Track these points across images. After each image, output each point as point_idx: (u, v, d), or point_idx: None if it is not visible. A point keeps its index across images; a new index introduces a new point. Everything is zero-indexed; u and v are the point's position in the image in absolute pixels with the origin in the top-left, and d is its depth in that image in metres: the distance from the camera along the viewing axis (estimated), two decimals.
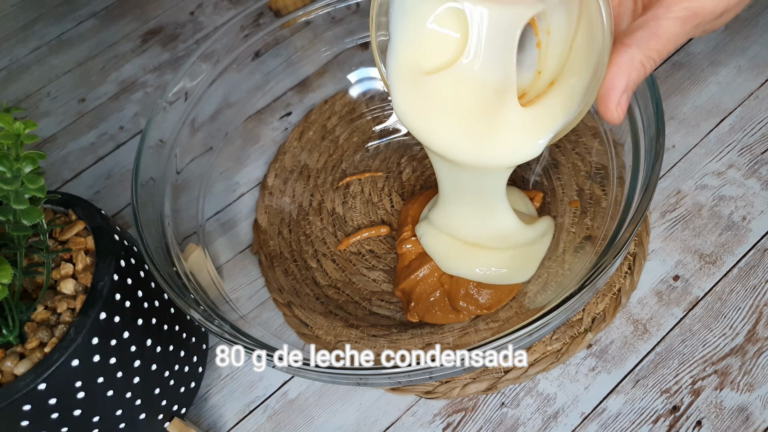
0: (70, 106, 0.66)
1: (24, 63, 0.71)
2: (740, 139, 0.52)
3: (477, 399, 0.44)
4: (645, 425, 0.41)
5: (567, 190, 0.48)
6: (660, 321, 0.45)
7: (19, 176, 0.33)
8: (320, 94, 0.58)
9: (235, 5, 0.71)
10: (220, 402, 0.47)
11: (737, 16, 0.59)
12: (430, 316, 0.45)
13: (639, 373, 0.43)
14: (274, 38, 0.51)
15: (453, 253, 0.45)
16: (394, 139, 0.55)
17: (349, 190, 0.53)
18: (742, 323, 0.44)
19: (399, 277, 0.47)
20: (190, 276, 0.41)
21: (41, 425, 0.35)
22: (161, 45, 0.70)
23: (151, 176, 0.43)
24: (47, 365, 0.33)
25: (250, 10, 0.48)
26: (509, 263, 0.44)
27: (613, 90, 0.28)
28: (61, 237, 0.39)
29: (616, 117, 0.29)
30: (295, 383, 0.46)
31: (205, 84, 0.48)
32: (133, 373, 0.38)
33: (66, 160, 0.62)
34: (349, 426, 0.44)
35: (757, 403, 0.41)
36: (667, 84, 0.56)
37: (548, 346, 0.44)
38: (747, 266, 0.46)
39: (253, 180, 0.56)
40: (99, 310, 0.35)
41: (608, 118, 0.29)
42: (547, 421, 0.42)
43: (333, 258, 0.50)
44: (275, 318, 0.48)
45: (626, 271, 0.46)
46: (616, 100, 0.28)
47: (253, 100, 0.53)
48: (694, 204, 0.49)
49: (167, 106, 0.45)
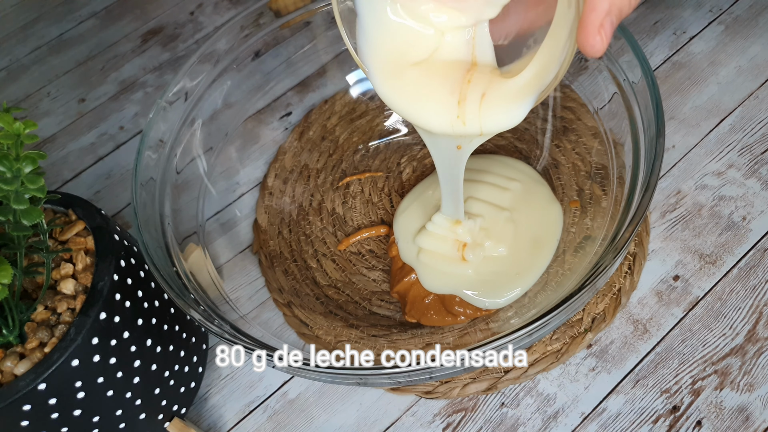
0: (70, 106, 0.66)
1: (24, 63, 0.71)
2: (740, 139, 0.52)
3: (477, 399, 0.44)
4: (645, 425, 0.41)
5: (567, 190, 0.48)
6: (660, 321, 0.45)
7: (19, 176, 0.33)
8: (320, 94, 0.58)
9: (235, 5, 0.71)
10: (220, 402, 0.47)
11: (737, 16, 0.59)
12: (426, 319, 0.45)
13: (639, 373, 0.43)
14: (274, 38, 0.51)
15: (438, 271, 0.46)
16: (394, 139, 0.55)
17: (349, 190, 0.53)
18: (742, 323, 0.44)
19: (394, 279, 0.47)
20: (190, 276, 0.41)
21: (41, 425, 0.35)
22: (161, 45, 0.70)
23: (151, 176, 0.43)
24: (47, 365, 0.33)
25: (250, 10, 0.48)
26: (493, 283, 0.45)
27: (593, 12, 0.25)
28: (61, 237, 0.39)
29: (599, 43, 0.25)
30: (295, 383, 0.46)
31: (205, 84, 0.48)
32: (133, 373, 0.38)
33: (66, 160, 0.62)
34: (349, 426, 0.44)
35: (757, 403, 0.41)
36: (667, 84, 0.56)
37: (548, 346, 0.44)
38: (747, 266, 0.46)
39: (253, 180, 0.56)
40: (99, 310, 0.35)
41: (589, 45, 0.25)
42: (547, 421, 0.42)
43: (333, 258, 0.50)
44: (275, 318, 0.48)
45: (626, 271, 0.46)
46: (598, 22, 0.25)
47: (253, 100, 0.53)
48: (694, 204, 0.49)
49: (167, 106, 0.45)
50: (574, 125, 0.50)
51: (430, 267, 0.46)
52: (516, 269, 0.45)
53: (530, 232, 0.46)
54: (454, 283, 0.45)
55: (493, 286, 0.45)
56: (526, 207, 0.47)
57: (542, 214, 0.47)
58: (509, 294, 0.44)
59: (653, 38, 0.59)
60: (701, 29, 0.59)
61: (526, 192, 0.48)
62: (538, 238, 0.46)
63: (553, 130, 0.51)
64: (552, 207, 0.47)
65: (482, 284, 0.45)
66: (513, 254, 0.45)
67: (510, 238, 0.46)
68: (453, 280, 0.45)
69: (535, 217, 0.47)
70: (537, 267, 0.45)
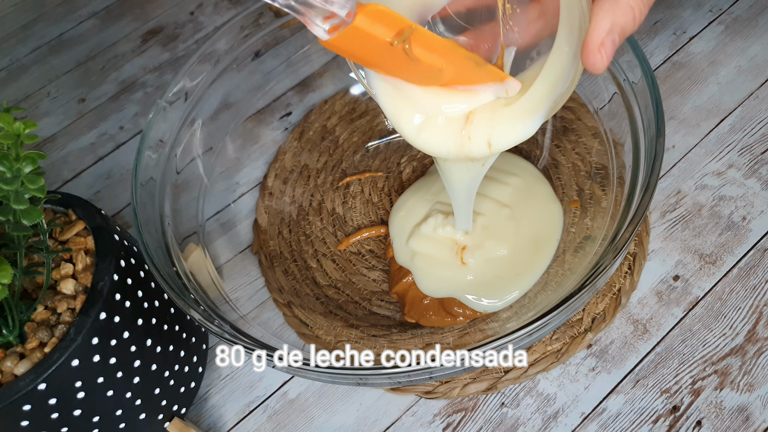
0: (70, 106, 0.66)
1: (24, 63, 0.71)
2: (740, 139, 0.52)
3: (477, 399, 0.44)
4: (645, 425, 0.41)
5: (567, 190, 0.48)
6: (660, 321, 0.45)
7: (19, 176, 0.33)
8: (320, 94, 0.58)
9: (235, 5, 0.71)
10: (220, 402, 0.47)
11: (737, 16, 0.59)
12: (425, 320, 0.45)
13: (639, 373, 0.43)
14: (274, 38, 0.51)
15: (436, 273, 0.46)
16: (394, 139, 0.55)
17: (349, 190, 0.53)
18: (742, 323, 0.44)
19: (392, 280, 0.47)
20: (190, 276, 0.41)
21: (41, 425, 0.35)
22: (161, 45, 0.70)
23: (151, 176, 0.43)
24: (47, 365, 0.33)
25: (250, 10, 0.48)
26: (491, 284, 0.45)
27: (595, 30, 0.25)
28: (61, 237, 0.39)
29: (599, 61, 0.26)
30: (295, 383, 0.46)
31: (205, 84, 0.48)
32: (133, 373, 0.38)
33: (66, 160, 0.62)
34: (349, 426, 0.44)
35: (757, 403, 0.41)
36: (667, 84, 0.56)
37: (548, 346, 0.44)
38: (747, 266, 0.46)
39: (253, 180, 0.56)
40: (99, 310, 0.35)
41: (590, 63, 0.26)
42: (547, 421, 0.42)
43: (333, 258, 0.50)
44: (275, 318, 0.48)
45: (626, 271, 0.46)
46: (599, 40, 0.25)
47: (253, 100, 0.53)
48: (694, 204, 0.49)
49: (167, 106, 0.45)
50: (574, 125, 0.50)
51: (426, 271, 0.46)
52: (516, 270, 0.45)
53: (531, 231, 0.46)
54: (453, 287, 0.45)
55: (492, 288, 0.44)
56: (526, 204, 0.47)
57: (543, 212, 0.47)
58: (508, 297, 0.44)
59: (653, 38, 0.59)
60: (701, 29, 0.59)
61: (526, 188, 0.48)
62: (539, 237, 0.46)
63: (553, 129, 0.51)
64: (552, 205, 0.47)
65: (481, 287, 0.45)
66: (513, 255, 0.45)
67: (511, 238, 0.46)
68: (451, 285, 0.45)
69: (536, 215, 0.47)
70: (537, 267, 0.45)
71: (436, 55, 0.30)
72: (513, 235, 0.46)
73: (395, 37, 0.28)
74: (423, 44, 0.29)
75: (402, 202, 0.50)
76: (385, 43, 0.28)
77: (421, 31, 0.28)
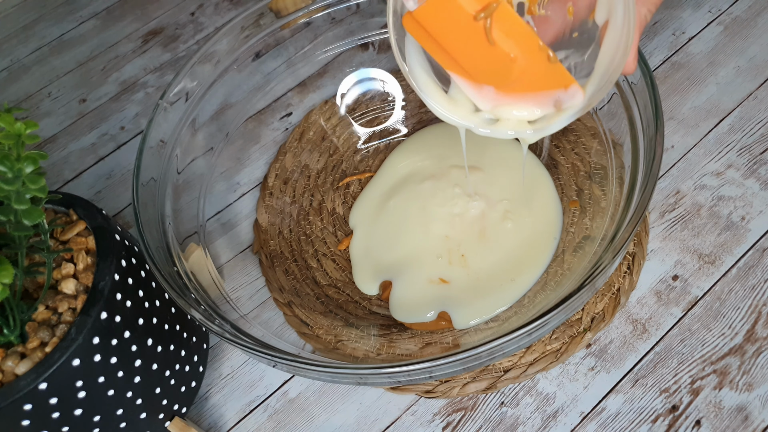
0: (71, 106, 0.67)
1: (25, 63, 0.71)
2: (739, 140, 0.52)
3: (476, 398, 0.44)
4: (644, 425, 0.42)
5: (566, 190, 0.48)
6: (659, 321, 0.45)
7: (20, 176, 0.33)
8: (320, 94, 0.58)
9: (236, 6, 0.71)
10: (221, 401, 0.47)
11: (736, 17, 0.59)
12: (419, 324, 0.45)
13: (638, 372, 0.43)
14: (275, 39, 0.51)
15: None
16: (394, 139, 0.55)
17: (349, 190, 0.54)
18: (741, 323, 0.44)
19: (383, 288, 0.47)
20: (190, 276, 0.41)
21: (42, 425, 0.35)
22: (162, 45, 0.70)
23: (152, 176, 0.43)
24: (48, 365, 0.33)
25: (251, 10, 0.48)
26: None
27: (635, 45, 0.30)
28: (62, 237, 0.39)
29: (635, 66, 0.31)
30: (295, 382, 0.47)
31: (205, 84, 0.48)
32: (133, 373, 0.38)
33: (67, 160, 0.62)
34: (350, 425, 0.44)
35: (756, 402, 0.41)
36: (666, 84, 0.56)
37: (548, 346, 0.44)
38: (746, 266, 0.46)
39: (254, 180, 0.56)
40: (100, 310, 0.35)
41: (631, 69, 0.31)
42: (547, 421, 0.43)
43: (333, 258, 0.50)
44: (276, 317, 0.48)
45: (625, 270, 0.46)
46: (636, 52, 0.31)
47: (253, 100, 0.53)
48: (693, 204, 0.49)
49: (168, 107, 0.45)
50: (573, 125, 0.50)
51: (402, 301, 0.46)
52: (511, 275, 0.45)
53: (529, 230, 0.46)
54: (435, 305, 0.45)
55: (483, 295, 0.45)
56: (527, 200, 0.47)
57: (543, 209, 0.47)
58: (478, 318, 0.44)
59: (652, 38, 0.59)
60: (700, 30, 0.59)
61: (529, 179, 0.48)
62: (538, 236, 0.46)
63: None
64: (552, 203, 0.47)
65: (471, 292, 0.45)
66: (509, 256, 0.46)
67: (510, 237, 0.46)
68: (433, 304, 0.45)
69: (536, 213, 0.47)
70: (535, 267, 0.45)
71: (512, 41, 0.29)
72: (512, 233, 0.46)
73: (481, 10, 0.27)
74: (503, 24, 0.29)
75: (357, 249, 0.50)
76: (469, 16, 0.27)
77: (505, 7, 0.28)
